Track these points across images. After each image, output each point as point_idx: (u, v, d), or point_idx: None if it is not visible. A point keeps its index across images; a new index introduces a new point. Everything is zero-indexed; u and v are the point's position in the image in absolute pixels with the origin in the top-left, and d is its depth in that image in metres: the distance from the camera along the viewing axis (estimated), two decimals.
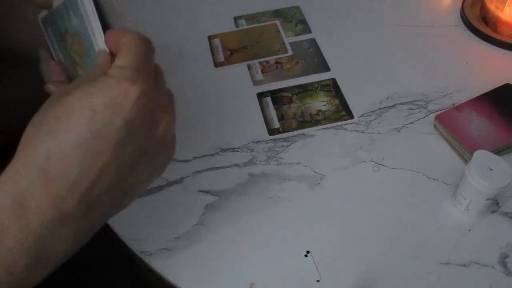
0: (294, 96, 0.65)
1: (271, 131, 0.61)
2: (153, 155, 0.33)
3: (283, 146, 0.59)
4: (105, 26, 0.37)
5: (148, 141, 0.32)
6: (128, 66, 0.31)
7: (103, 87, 0.30)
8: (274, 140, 0.60)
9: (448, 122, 0.58)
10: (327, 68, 0.69)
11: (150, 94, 0.31)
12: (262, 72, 0.69)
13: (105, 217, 0.33)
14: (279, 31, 0.75)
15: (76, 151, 0.29)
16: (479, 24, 0.73)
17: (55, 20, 0.43)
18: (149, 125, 0.31)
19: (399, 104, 0.63)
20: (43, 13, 0.46)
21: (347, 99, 0.64)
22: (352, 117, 0.62)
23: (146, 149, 0.32)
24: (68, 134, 0.29)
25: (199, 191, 0.55)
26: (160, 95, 0.34)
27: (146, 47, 0.33)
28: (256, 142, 0.60)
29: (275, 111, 0.63)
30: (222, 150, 0.59)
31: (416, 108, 0.63)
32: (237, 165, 0.57)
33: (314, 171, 0.56)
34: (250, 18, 0.77)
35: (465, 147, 0.55)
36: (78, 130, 0.29)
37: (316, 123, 0.62)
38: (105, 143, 0.29)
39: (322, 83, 0.67)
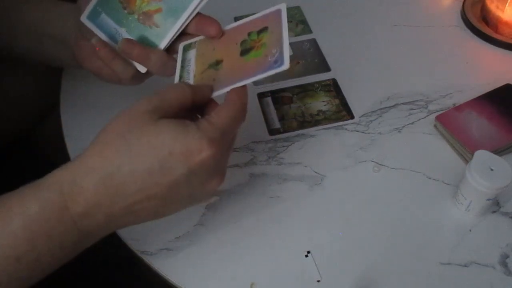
0: (295, 96, 0.65)
1: (272, 131, 0.61)
2: (195, 198, 0.40)
3: (283, 146, 0.59)
4: None
5: (197, 188, 0.38)
6: (219, 127, 0.37)
7: (188, 140, 0.36)
8: (275, 140, 0.60)
9: (448, 122, 0.58)
10: (327, 68, 0.69)
11: (218, 158, 0.37)
12: None
13: (131, 224, 0.39)
14: None
15: (142, 174, 0.36)
16: (480, 24, 0.73)
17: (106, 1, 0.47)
18: (203, 179, 0.38)
19: (400, 104, 0.63)
20: (86, 11, 0.47)
21: (347, 99, 0.64)
22: (352, 117, 0.62)
23: (192, 193, 0.39)
24: (143, 160, 0.36)
25: None
26: (225, 159, 0.40)
27: (242, 116, 0.39)
28: (257, 142, 0.60)
29: (275, 111, 0.63)
30: None
31: (417, 108, 0.63)
32: (237, 165, 0.57)
33: (315, 171, 0.56)
34: None
35: (465, 147, 0.55)
36: (151, 161, 0.36)
37: (317, 123, 0.62)
38: (166, 179, 0.36)
39: (323, 83, 0.67)
